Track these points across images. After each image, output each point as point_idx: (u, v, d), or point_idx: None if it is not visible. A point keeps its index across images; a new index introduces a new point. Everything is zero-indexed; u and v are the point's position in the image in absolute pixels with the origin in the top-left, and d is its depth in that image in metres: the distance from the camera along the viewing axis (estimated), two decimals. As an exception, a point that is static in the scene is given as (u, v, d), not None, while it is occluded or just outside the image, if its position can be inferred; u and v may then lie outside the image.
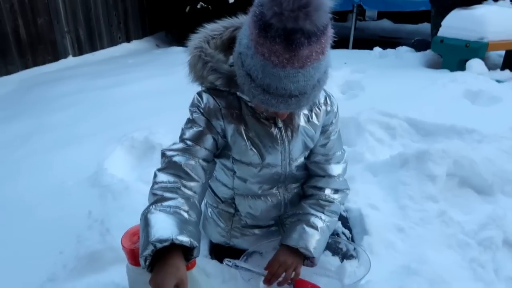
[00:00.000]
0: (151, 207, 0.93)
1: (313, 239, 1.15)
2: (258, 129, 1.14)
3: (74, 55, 5.02)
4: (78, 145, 2.24)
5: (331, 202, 1.25)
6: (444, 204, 1.69)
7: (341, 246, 1.31)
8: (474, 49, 3.48)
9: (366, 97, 2.89)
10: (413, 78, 3.36)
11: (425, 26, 7.96)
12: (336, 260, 1.32)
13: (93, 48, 5.34)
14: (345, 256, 1.30)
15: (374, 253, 1.40)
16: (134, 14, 6.10)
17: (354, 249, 1.29)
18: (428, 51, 4.13)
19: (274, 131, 1.15)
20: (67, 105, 3.01)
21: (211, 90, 1.13)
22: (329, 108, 1.24)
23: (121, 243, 1.05)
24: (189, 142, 1.08)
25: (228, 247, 1.36)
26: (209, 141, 1.10)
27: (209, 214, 1.40)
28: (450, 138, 2.20)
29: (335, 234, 1.47)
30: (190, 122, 1.13)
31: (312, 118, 1.20)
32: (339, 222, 1.53)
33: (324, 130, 1.26)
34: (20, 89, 3.71)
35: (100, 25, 5.45)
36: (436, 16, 4.28)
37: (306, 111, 1.20)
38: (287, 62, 0.86)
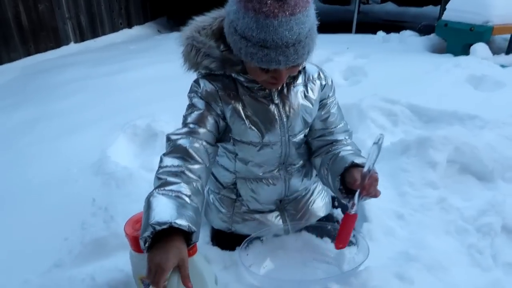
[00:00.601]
0: (154, 191, 0.95)
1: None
2: (256, 107, 1.16)
3: (76, 41, 5.02)
4: (82, 132, 2.27)
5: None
6: (444, 190, 1.70)
7: (340, 233, 1.32)
8: (478, 33, 3.44)
9: (368, 83, 2.89)
10: (417, 63, 3.33)
11: (430, 9, 7.86)
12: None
13: (94, 35, 5.33)
14: (344, 242, 1.32)
15: (374, 240, 1.42)
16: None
17: (353, 235, 1.31)
18: (432, 35, 4.08)
19: (272, 107, 1.18)
20: (71, 92, 3.02)
21: (207, 75, 1.17)
22: (323, 82, 1.26)
23: (124, 230, 1.07)
24: (192, 125, 1.10)
25: (230, 233, 1.39)
26: (210, 122, 1.13)
27: (211, 200, 1.42)
28: (452, 124, 2.20)
29: (335, 221, 1.50)
30: (191, 107, 1.16)
31: (308, 93, 1.23)
32: (339, 209, 1.55)
33: (323, 105, 1.28)
34: (23, 76, 3.73)
35: (102, 11, 5.43)
36: None
37: (302, 87, 1.22)
38: (278, 11, 0.91)
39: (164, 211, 0.87)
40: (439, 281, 1.25)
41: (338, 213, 1.57)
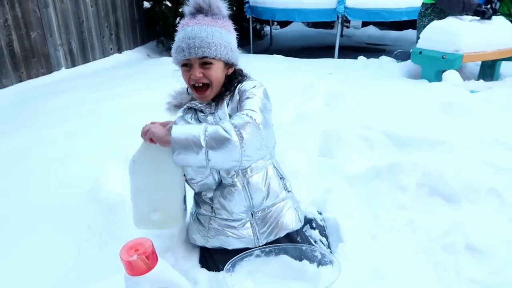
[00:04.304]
0: None
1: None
2: (205, 121, 1.48)
3: (67, 67, 5.14)
4: (75, 160, 2.37)
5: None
6: (413, 212, 1.85)
7: (316, 254, 1.45)
8: (450, 60, 3.68)
9: (348, 109, 3.06)
10: (393, 89, 3.54)
11: (410, 33, 8.22)
12: (313, 266, 1.46)
13: (85, 60, 5.46)
14: (320, 262, 1.45)
15: (348, 259, 1.55)
16: (126, 25, 6.23)
17: (328, 256, 1.44)
18: (409, 62, 4.32)
19: (210, 118, 1.48)
20: (63, 119, 3.12)
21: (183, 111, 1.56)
22: (241, 89, 1.47)
23: (120, 256, 1.18)
24: None
25: (214, 254, 1.55)
26: None
27: (193, 219, 1.63)
28: (423, 149, 2.37)
29: (313, 241, 1.64)
30: None
31: (231, 101, 1.48)
32: (317, 231, 1.69)
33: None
34: (15, 103, 3.82)
35: (92, 37, 5.58)
36: None
37: (227, 100, 1.48)
38: (190, 22, 1.41)
39: None
40: (405, 297, 1.39)
41: (316, 234, 1.71)
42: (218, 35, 1.39)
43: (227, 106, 1.47)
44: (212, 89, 1.44)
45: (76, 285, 1.43)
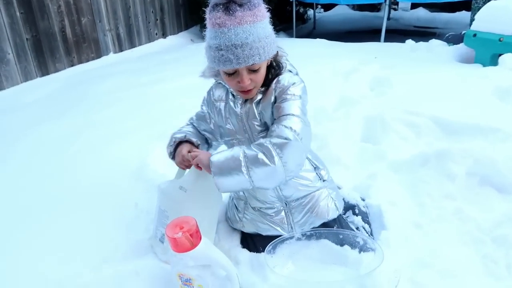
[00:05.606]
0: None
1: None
2: (232, 110, 1.44)
3: (115, 52, 5.32)
4: (123, 141, 2.46)
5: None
6: (462, 202, 1.77)
7: (358, 240, 1.44)
8: (508, 43, 3.44)
9: (393, 94, 2.95)
10: (443, 74, 3.36)
11: (463, 15, 7.76)
12: (355, 252, 1.45)
13: (132, 45, 5.63)
14: (362, 249, 1.43)
15: (391, 247, 1.52)
16: (170, 10, 6.34)
17: (370, 242, 1.42)
18: (461, 45, 4.09)
19: (238, 110, 1.42)
20: (111, 103, 3.25)
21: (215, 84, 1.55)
22: (279, 85, 1.34)
23: (165, 233, 1.23)
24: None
25: (255, 237, 1.56)
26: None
27: (232, 204, 1.68)
28: (474, 136, 2.24)
29: (355, 228, 1.62)
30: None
31: (263, 99, 1.37)
32: (359, 217, 1.67)
33: (279, 101, 1.33)
34: (67, 86, 4.01)
35: (139, 22, 5.73)
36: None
37: (259, 95, 1.37)
38: (227, 22, 1.18)
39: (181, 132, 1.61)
40: (451, 288, 1.35)
41: (358, 220, 1.68)
42: (262, 33, 1.21)
43: (259, 102, 1.37)
44: (257, 88, 1.35)
45: (125, 259, 1.50)
